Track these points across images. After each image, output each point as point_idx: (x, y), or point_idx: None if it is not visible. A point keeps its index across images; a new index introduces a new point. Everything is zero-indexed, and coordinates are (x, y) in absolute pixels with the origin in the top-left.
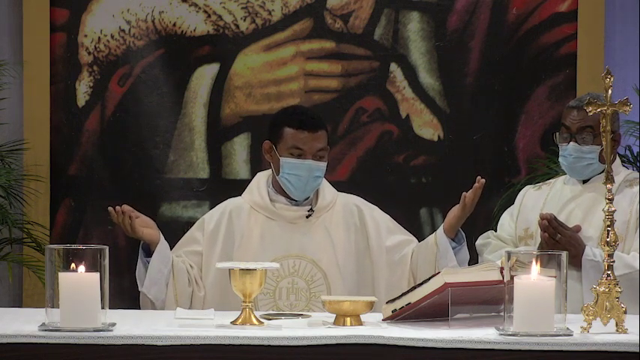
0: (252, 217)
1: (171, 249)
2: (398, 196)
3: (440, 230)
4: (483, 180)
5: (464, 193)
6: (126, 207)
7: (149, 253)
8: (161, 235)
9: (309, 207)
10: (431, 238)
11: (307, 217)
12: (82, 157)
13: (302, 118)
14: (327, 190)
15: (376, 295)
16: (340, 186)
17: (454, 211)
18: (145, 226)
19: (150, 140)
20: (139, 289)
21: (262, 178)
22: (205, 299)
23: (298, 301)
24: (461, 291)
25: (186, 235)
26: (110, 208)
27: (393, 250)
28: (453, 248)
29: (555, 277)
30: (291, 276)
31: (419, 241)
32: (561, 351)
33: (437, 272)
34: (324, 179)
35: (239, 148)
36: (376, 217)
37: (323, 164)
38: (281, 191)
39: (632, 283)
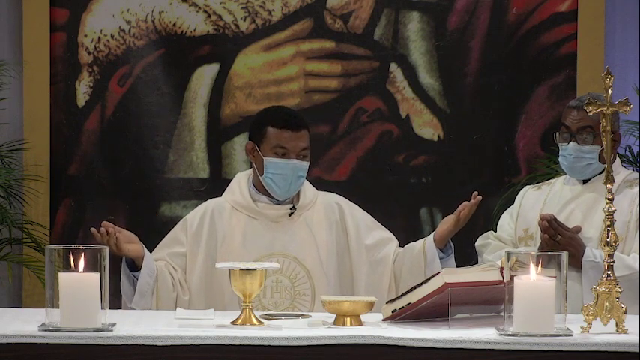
0: (233, 217)
1: None
2: (398, 196)
3: (430, 239)
4: (480, 197)
5: (460, 205)
6: (108, 225)
7: (132, 266)
8: (144, 247)
9: (291, 205)
10: (418, 244)
11: (290, 215)
12: (82, 157)
13: (285, 117)
14: (308, 188)
15: (355, 293)
16: (340, 186)
17: (447, 223)
18: (128, 242)
19: (150, 140)
20: (129, 305)
21: (243, 178)
22: (190, 302)
23: (283, 299)
24: (461, 291)
25: (168, 236)
26: (93, 230)
27: (373, 249)
28: (441, 258)
29: (555, 277)
30: (275, 274)
31: (401, 243)
32: (561, 351)
33: (437, 272)
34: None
35: (239, 148)
36: (356, 215)
37: (306, 164)
38: (263, 190)
39: (632, 284)
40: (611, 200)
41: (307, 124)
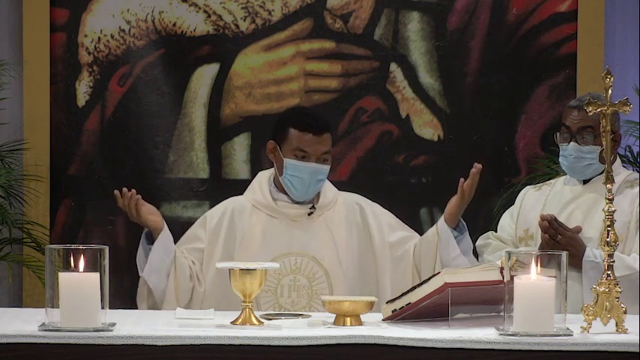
0: (254, 216)
1: None
2: (398, 196)
3: (441, 220)
4: (480, 165)
5: (461, 179)
6: (132, 191)
7: (151, 240)
8: (165, 224)
9: (311, 205)
10: (432, 229)
11: (309, 214)
12: (82, 157)
13: (308, 120)
14: (329, 188)
15: (380, 291)
16: (340, 186)
17: (453, 200)
18: (150, 213)
19: (150, 140)
20: (139, 274)
21: (264, 176)
22: (205, 295)
23: (300, 298)
24: (461, 291)
25: (188, 232)
26: (116, 192)
27: (395, 246)
28: (455, 237)
29: (555, 277)
30: (292, 273)
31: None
32: (561, 351)
33: (437, 272)
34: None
35: (239, 148)
36: (378, 214)
37: (326, 167)
38: (283, 190)
39: (632, 284)
40: (611, 200)
41: (330, 127)
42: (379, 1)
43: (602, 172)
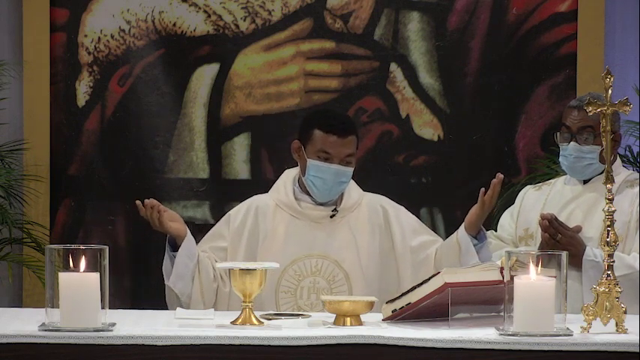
0: (277, 215)
1: None
2: (398, 196)
3: (461, 229)
4: (502, 176)
5: (482, 189)
6: (153, 201)
7: (175, 247)
8: (187, 229)
9: (334, 207)
10: (453, 236)
11: (331, 217)
12: (82, 157)
13: (333, 122)
14: (353, 190)
15: None
16: None
17: (473, 209)
18: (172, 220)
19: (150, 140)
20: (165, 283)
21: (289, 176)
22: (231, 295)
23: (319, 300)
24: (461, 291)
25: (212, 230)
26: (138, 202)
27: (417, 251)
28: (475, 246)
29: (555, 277)
30: (313, 275)
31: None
32: (561, 351)
33: (437, 272)
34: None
35: (239, 148)
36: (401, 217)
37: (350, 169)
38: (307, 191)
39: (632, 283)
40: (611, 200)
41: (356, 130)
42: (379, 1)
43: (602, 172)
